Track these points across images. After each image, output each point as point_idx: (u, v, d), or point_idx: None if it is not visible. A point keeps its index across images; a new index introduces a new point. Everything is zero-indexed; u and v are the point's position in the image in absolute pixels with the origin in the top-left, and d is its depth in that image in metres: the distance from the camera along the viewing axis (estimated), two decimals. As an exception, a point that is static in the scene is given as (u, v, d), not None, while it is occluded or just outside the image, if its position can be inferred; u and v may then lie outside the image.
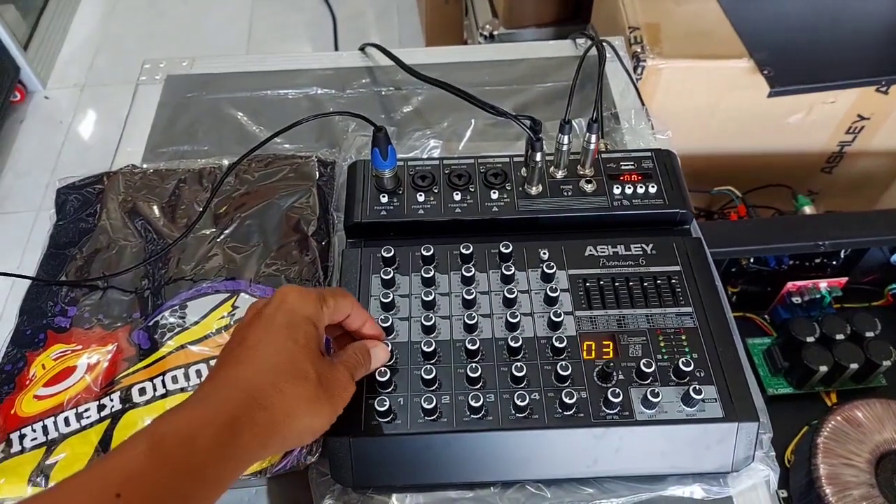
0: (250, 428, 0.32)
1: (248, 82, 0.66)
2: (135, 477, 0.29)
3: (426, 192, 0.50)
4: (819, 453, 0.65)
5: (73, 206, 0.56)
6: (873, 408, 0.67)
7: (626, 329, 0.44)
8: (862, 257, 0.79)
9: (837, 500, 0.62)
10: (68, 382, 0.46)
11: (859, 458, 0.64)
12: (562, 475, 0.42)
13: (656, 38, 0.74)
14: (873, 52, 0.75)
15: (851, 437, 0.66)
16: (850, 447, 0.65)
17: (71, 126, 1.61)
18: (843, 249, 0.77)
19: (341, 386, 0.37)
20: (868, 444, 0.65)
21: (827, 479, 0.63)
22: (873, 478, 0.63)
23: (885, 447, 0.65)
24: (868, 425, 0.66)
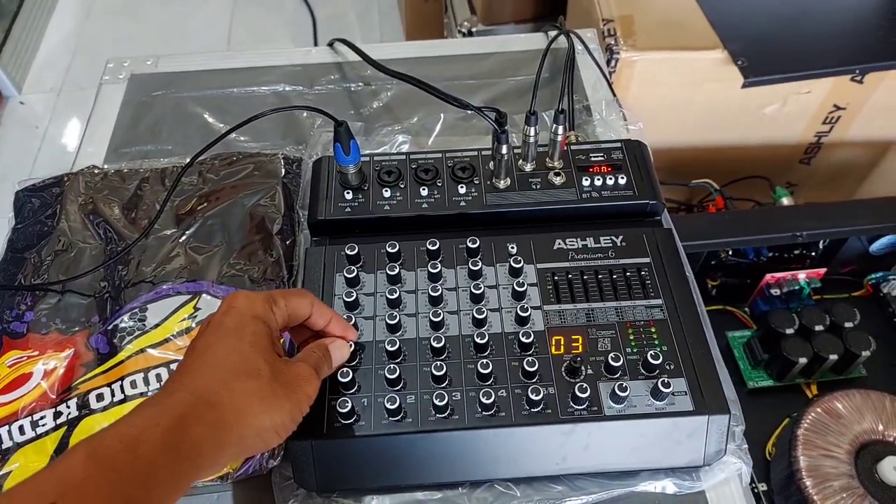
0: (199, 426, 0.31)
1: (214, 80, 0.64)
2: (72, 485, 0.27)
3: (392, 188, 0.49)
4: (799, 445, 0.64)
5: (31, 208, 0.55)
6: (853, 399, 0.67)
7: (595, 323, 0.43)
8: (840, 248, 0.79)
9: (817, 492, 0.61)
10: (23, 390, 0.45)
11: (839, 449, 0.64)
12: (531, 473, 0.41)
13: (630, 30, 0.73)
14: (847, 40, 0.74)
15: (831, 429, 0.65)
16: (830, 439, 0.64)
17: (47, 131, 1.59)
18: (821, 240, 0.76)
19: (302, 380, 0.35)
20: (848, 436, 0.65)
21: (807, 471, 0.63)
22: (853, 469, 0.63)
23: (864, 438, 0.64)
24: (848, 416, 0.66)
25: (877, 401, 0.66)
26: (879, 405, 0.66)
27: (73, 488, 0.27)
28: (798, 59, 0.72)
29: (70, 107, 1.64)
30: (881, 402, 0.66)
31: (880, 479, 0.62)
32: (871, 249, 0.80)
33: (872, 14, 0.77)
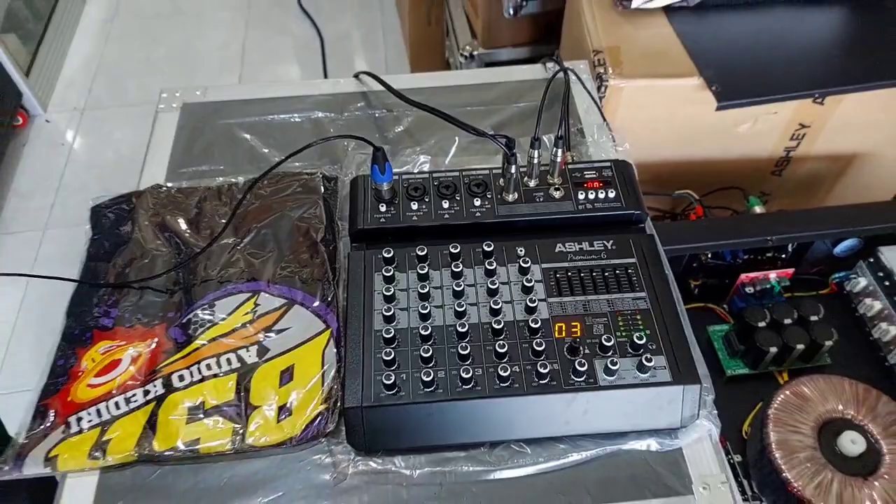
0: None
1: (256, 108, 0.73)
2: None
3: (418, 202, 0.58)
4: (770, 423, 0.73)
5: (107, 221, 0.63)
6: (817, 383, 0.76)
7: (591, 312, 0.53)
8: (807, 250, 0.88)
9: (785, 462, 0.70)
10: (115, 373, 0.54)
11: (805, 426, 0.73)
12: (539, 434, 0.50)
13: (617, 59, 0.83)
14: (808, 67, 0.84)
15: (798, 409, 0.74)
16: (797, 417, 0.73)
17: (72, 148, 1.67)
18: (789, 244, 0.86)
19: None
20: (812, 415, 0.74)
21: (776, 444, 0.72)
22: (816, 443, 0.72)
23: (826, 416, 0.73)
24: (813, 398, 0.75)
25: (838, 385, 0.76)
26: (840, 388, 0.75)
27: None
28: (765, 85, 0.81)
29: (92, 124, 1.73)
30: (841, 386, 0.75)
31: (839, 450, 0.71)
32: (836, 252, 0.89)
33: (830, 44, 0.87)
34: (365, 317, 0.52)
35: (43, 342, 1.29)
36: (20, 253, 1.48)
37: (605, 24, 0.87)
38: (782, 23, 0.89)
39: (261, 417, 0.50)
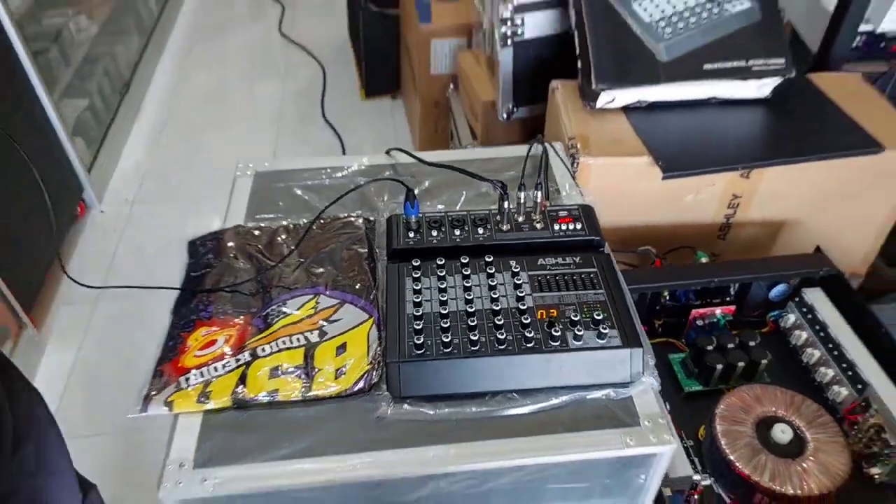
0: None
1: (309, 173, 0.96)
2: None
3: (437, 230, 0.79)
4: (717, 419, 0.90)
5: (202, 249, 0.84)
6: (755, 390, 0.94)
7: (563, 302, 0.72)
8: (748, 293, 1.08)
9: (729, 448, 0.87)
10: (214, 348, 0.72)
11: (745, 421, 0.90)
12: (526, 386, 0.68)
13: (586, 143, 1.07)
14: (735, 148, 1.08)
15: (740, 409, 0.91)
16: (739, 415, 0.91)
17: (123, 235, 1.91)
18: (730, 285, 1.06)
19: None
20: (751, 413, 0.91)
21: (722, 435, 0.88)
22: (754, 434, 0.88)
23: (762, 414, 0.90)
24: (751, 401, 0.92)
25: (771, 392, 0.93)
26: (773, 394, 0.93)
27: None
28: (699, 161, 1.05)
29: (141, 215, 1.97)
30: (774, 393, 0.93)
31: (772, 439, 0.87)
32: (771, 296, 1.09)
33: (752, 131, 1.12)
34: (399, 305, 0.72)
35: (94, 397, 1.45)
36: (76, 321, 1.66)
37: (577, 119, 1.13)
38: (714, 117, 1.14)
39: (322, 376, 0.69)
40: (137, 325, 1.56)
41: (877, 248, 1.26)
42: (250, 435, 0.66)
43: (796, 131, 1.13)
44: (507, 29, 1.30)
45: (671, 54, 1.11)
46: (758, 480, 0.84)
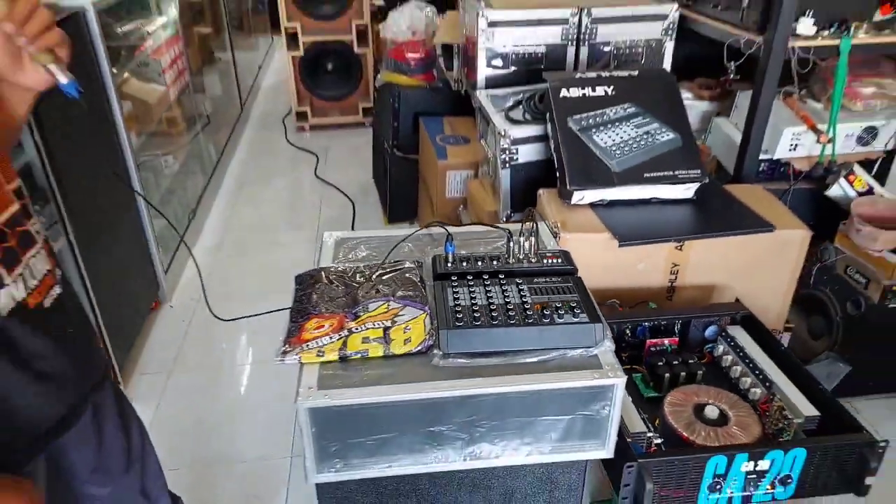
0: None
1: (372, 240, 1.37)
2: None
3: (466, 262, 1.18)
4: (666, 405, 1.24)
5: (306, 278, 1.22)
6: (692, 388, 1.28)
7: (551, 300, 1.09)
8: (688, 332, 1.45)
9: (675, 421, 1.20)
10: (323, 329, 1.08)
11: (686, 405, 1.24)
12: (528, 347, 1.03)
13: (565, 225, 1.49)
14: (671, 226, 1.51)
15: (682, 397, 1.25)
16: (681, 401, 1.24)
17: (190, 325, 2.26)
18: (674, 323, 1.43)
19: None
20: (690, 401, 1.25)
21: (670, 414, 1.22)
22: (692, 412, 1.22)
23: (697, 402, 1.24)
24: (690, 394, 1.27)
25: (704, 388, 1.28)
26: (706, 390, 1.27)
27: None
28: (645, 235, 1.47)
29: (202, 310, 2.34)
30: (707, 389, 1.28)
31: (705, 416, 1.21)
32: (706, 335, 1.46)
33: (683, 215, 1.55)
34: (444, 303, 1.09)
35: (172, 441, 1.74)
36: (148, 396, 1.97)
37: (557, 211, 1.56)
38: (655, 210, 1.58)
39: (396, 343, 1.04)
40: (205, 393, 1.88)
41: (786, 307, 1.65)
42: (351, 375, 1.00)
43: (713, 218, 1.56)
44: (506, 156, 1.78)
45: (621, 167, 1.57)
46: (693, 440, 1.16)
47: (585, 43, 1.97)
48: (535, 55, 1.98)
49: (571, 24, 1.94)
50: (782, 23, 1.67)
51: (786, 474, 1.12)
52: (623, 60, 2.02)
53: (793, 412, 1.21)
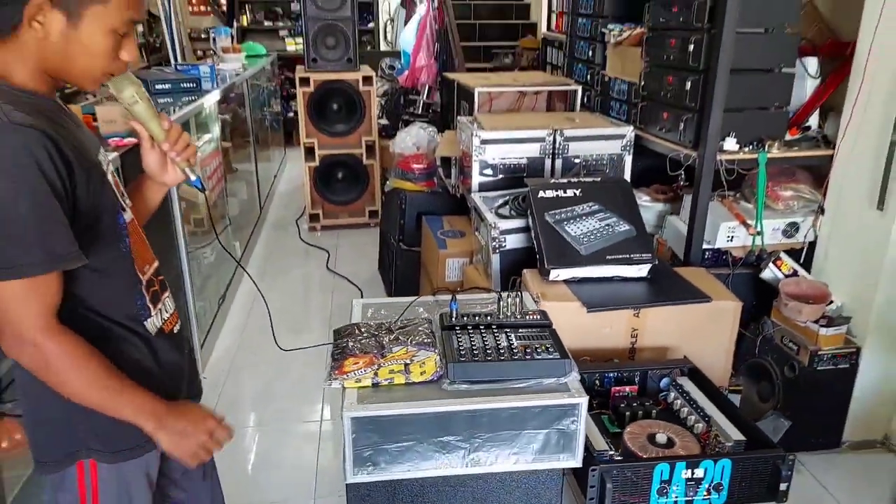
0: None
1: (394, 306, 1.70)
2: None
3: (466, 317, 1.52)
4: (626, 434, 1.54)
5: (343, 330, 1.55)
6: (647, 421, 1.59)
7: (532, 345, 1.42)
8: (646, 383, 1.77)
9: (632, 444, 1.49)
10: (358, 365, 1.39)
11: (641, 433, 1.54)
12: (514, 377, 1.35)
13: (545, 296, 1.84)
14: (628, 299, 1.85)
15: (637, 430, 1.55)
16: (638, 431, 1.54)
17: (221, 392, 2.54)
18: (634, 374, 1.75)
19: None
20: (644, 431, 1.55)
21: (629, 439, 1.51)
22: (645, 439, 1.51)
23: (650, 431, 1.54)
24: (645, 426, 1.57)
25: (656, 422, 1.58)
26: (657, 423, 1.58)
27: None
28: (609, 303, 1.81)
29: (231, 381, 2.62)
30: (658, 423, 1.58)
31: (657, 441, 1.51)
32: (661, 385, 1.78)
33: (639, 290, 1.91)
34: (450, 344, 1.41)
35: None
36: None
37: (538, 284, 1.91)
38: (617, 285, 1.93)
39: (414, 375, 1.36)
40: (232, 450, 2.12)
41: (728, 366, 1.97)
42: (381, 396, 1.31)
43: (663, 292, 1.92)
44: (497, 244, 2.16)
45: (588, 251, 1.94)
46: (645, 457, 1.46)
47: (559, 156, 2.41)
48: (519, 165, 2.41)
49: (548, 142, 2.39)
50: (710, 141, 2.10)
51: (718, 482, 1.40)
52: (591, 170, 2.45)
53: (725, 438, 1.51)
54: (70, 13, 0.97)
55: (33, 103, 0.98)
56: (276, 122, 6.18)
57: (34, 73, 1.01)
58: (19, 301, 0.93)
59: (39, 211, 0.93)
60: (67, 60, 1.01)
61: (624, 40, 2.69)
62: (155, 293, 1.17)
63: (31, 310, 0.94)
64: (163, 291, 1.20)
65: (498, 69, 4.75)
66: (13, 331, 0.94)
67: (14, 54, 0.99)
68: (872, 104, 2.00)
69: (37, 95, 1.01)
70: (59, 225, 0.95)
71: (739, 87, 2.11)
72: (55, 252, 0.94)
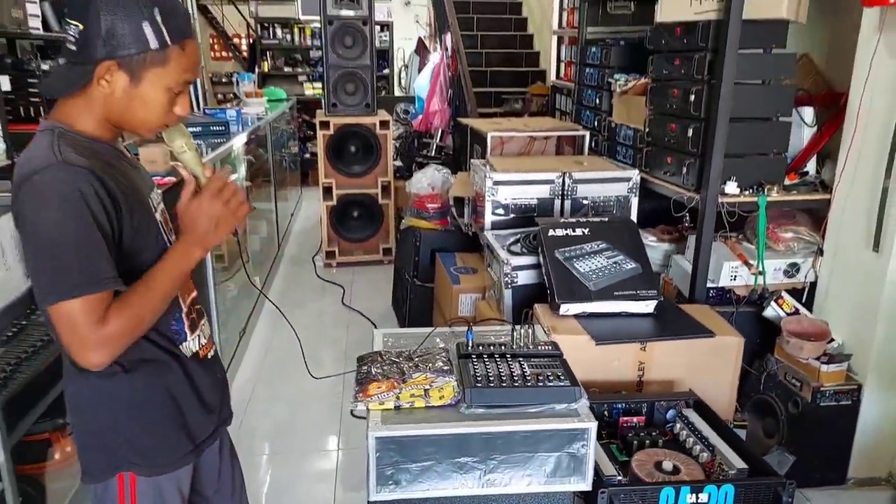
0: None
1: (411, 337, 1.79)
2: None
3: (482, 346, 1.60)
4: (634, 461, 1.60)
5: (365, 358, 1.63)
6: (654, 450, 1.65)
7: (544, 372, 1.50)
8: (653, 414, 1.83)
9: (639, 471, 1.56)
10: (381, 389, 1.48)
11: (648, 461, 1.60)
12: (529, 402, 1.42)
13: (555, 329, 1.92)
14: (635, 333, 1.93)
15: (644, 457, 1.62)
16: (645, 459, 1.61)
17: (242, 421, 2.61)
18: (642, 406, 1.82)
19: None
20: (651, 459, 1.61)
21: (636, 466, 1.58)
22: (653, 466, 1.58)
23: (657, 459, 1.61)
24: (651, 454, 1.63)
25: (662, 451, 1.64)
26: (664, 451, 1.64)
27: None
28: (616, 337, 1.89)
29: (251, 410, 2.69)
30: (664, 451, 1.64)
31: (663, 468, 1.57)
32: (667, 416, 1.84)
33: (646, 325, 1.99)
34: (468, 371, 1.49)
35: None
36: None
37: (549, 318, 2.00)
38: (624, 319, 2.02)
39: (434, 399, 1.44)
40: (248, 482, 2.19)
41: (733, 399, 2.03)
42: (403, 418, 1.39)
43: (668, 327, 2.00)
44: (509, 279, 2.25)
45: (596, 287, 2.03)
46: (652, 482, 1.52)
47: (568, 197, 2.52)
48: (530, 205, 2.52)
49: (557, 184, 2.51)
50: (712, 185, 2.21)
51: (722, 507, 1.46)
52: (599, 211, 2.56)
53: (728, 466, 1.57)
54: (133, 74, 1.10)
55: (91, 147, 1.11)
56: (294, 162, 6.38)
57: (98, 121, 1.14)
58: (76, 315, 1.02)
59: (84, 240, 1.04)
60: (128, 113, 1.14)
61: (629, 89, 2.84)
62: (193, 320, 1.27)
63: (84, 322, 1.03)
64: (199, 319, 1.30)
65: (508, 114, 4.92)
66: (79, 344, 1.04)
67: (81, 106, 1.12)
68: (865, 151, 2.11)
69: (97, 141, 1.13)
70: (102, 253, 1.05)
71: (739, 134, 2.23)
72: (97, 276, 1.04)
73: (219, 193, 1.16)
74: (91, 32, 1.06)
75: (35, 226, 1.02)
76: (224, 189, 1.16)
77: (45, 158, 1.04)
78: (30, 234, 1.03)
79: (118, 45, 1.06)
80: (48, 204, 1.01)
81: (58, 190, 1.02)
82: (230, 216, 1.17)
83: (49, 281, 1.03)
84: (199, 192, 1.17)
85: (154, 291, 1.11)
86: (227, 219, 1.17)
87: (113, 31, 1.06)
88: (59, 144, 1.06)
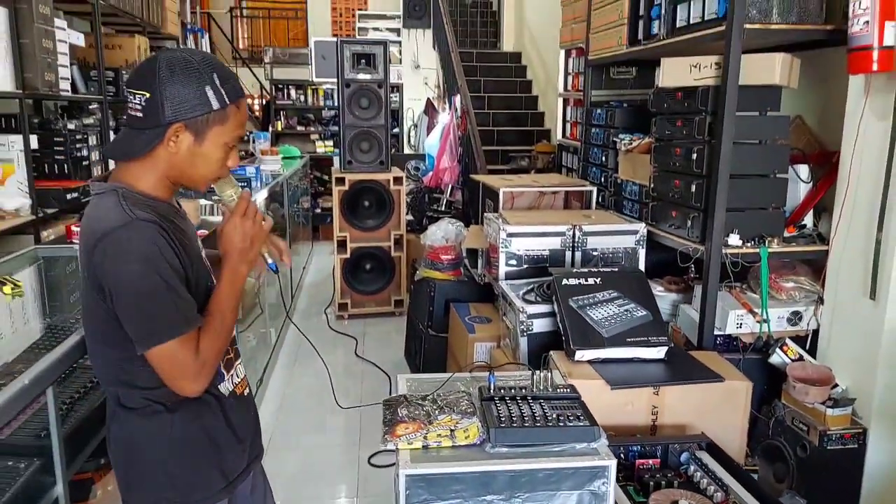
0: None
1: (427, 384, 1.87)
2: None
3: (503, 390, 1.68)
4: (651, 499, 1.65)
5: (391, 402, 1.71)
6: (669, 490, 1.71)
7: (564, 413, 1.58)
8: (667, 457, 1.89)
9: (656, 510, 1.61)
10: (408, 430, 1.55)
11: (665, 501, 1.65)
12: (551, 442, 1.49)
13: (571, 374, 1.99)
14: (648, 378, 2.01)
15: (661, 497, 1.67)
16: (661, 499, 1.66)
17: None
18: (656, 448, 1.87)
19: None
20: (668, 498, 1.67)
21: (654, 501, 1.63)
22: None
23: (672, 498, 1.66)
24: (668, 494, 1.68)
25: (678, 491, 1.70)
26: (679, 492, 1.69)
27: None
28: (630, 382, 1.97)
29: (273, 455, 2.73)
30: (680, 491, 1.69)
31: (679, 507, 1.62)
32: (681, 459, 1.90)
33: (658, 370, 2.06)
34: (491, 413, 1.57)
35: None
36: None
37: (565, 364, 2.08)
38: (637, 365, 2.09)
39: (459, 439, 1.51)
40: None
41: (744, 443, 2.08)
42: (431, 457, 1.46)
43: (679, 372, 2.07)
44: (524, 327, 2.34)
45: (609, 334, 2.12)
46: (671, 522, 1.57)
47: (579, 248, 2.63)
48: (542, 256, 2.63)
49: (568, 236, 2.62)
50: (715, 237, 2.33)
51: (738, 545, 1.50)
52: (608, 262, 2.67)
53: (743, 505, 1.62)
54: (198, 133, 1.23)
55: (152, 205, 1.23)
56: (306, 217, 6.55)
57: (158, 181, 1.27)
58: (175, 353, 1.14)
59: (167, 288, 1.15)
60: (191, 169, 1.26)
61: (634, 148, 2.99)
62: (229, 360, 1.37)
63: (184, 357, 1.15)
64: (236, 359, 1.40)
65: (515, 171, 5.09)
66: (181, 376, 1.15)
67: (144, 168, 1.25)
68: (858, 206, 2.23)
69: (156, 200, 1.25)
70: (183, 295, 1.17)
71: (739, 189, 2.36)
72: (186, 317, 1.15)
73: (245, 213, 1.27)
74: (158, 99, 1.19)
75: (118, 280, 1.13)
76: (248, 209, 1.30)
77: (119, 217, 1.16)
78: (114, 288, 1.14)
79: (185, 108, 1.20)
80: (129, 259, 1.12)
81: (136, 246, 1.13)
82: (259, 231, 1.30)
83: (144, 330, 1.14)
84: (230, 216, 1.29)
85: (224, 313, 1.22)
86: (258, 233, 1.30)
87: (179, 97, 1.19)
88: (125, 203, 1.18)
